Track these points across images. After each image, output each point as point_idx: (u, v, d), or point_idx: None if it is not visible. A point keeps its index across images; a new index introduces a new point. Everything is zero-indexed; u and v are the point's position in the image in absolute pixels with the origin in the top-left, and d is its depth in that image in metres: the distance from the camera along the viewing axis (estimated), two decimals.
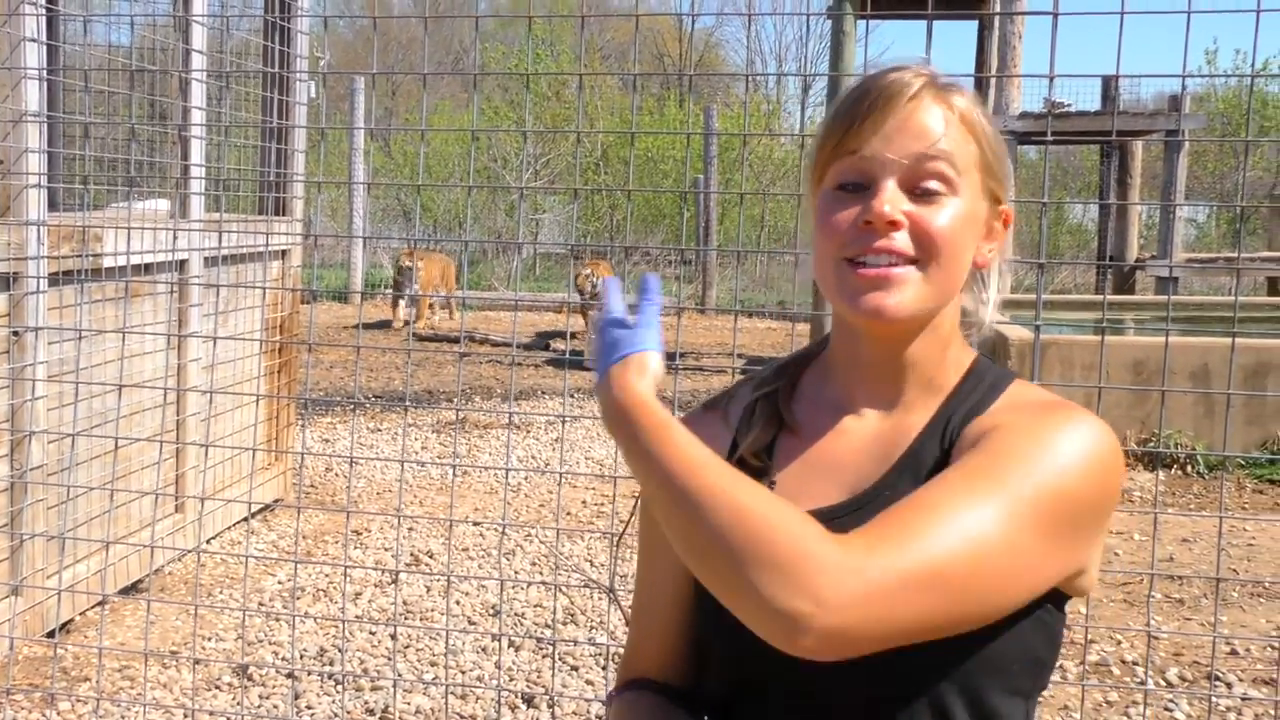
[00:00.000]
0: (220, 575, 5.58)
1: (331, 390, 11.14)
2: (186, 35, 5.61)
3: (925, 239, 1.32)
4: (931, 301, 1.35)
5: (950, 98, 1.36)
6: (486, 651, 4.74)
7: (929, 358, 1.40)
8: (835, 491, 1.38)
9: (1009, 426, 1.28)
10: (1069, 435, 1.25)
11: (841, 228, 1.34)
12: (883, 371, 1.41)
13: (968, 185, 1.35)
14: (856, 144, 1.34)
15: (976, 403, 1.37)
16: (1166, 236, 13.97)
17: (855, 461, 1.40)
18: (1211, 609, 5.23)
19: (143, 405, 5.33)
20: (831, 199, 1.36)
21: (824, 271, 1.37)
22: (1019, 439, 1.25)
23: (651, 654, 1.54)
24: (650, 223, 26.35)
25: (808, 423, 1.46)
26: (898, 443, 1.39)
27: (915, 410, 1.40)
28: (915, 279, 1.32)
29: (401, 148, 25.49)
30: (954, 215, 1.33)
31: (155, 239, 5.23)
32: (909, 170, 1.33)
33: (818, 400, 1.47)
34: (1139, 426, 7.44)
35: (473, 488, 7.41)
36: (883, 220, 1.31)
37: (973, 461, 1.24)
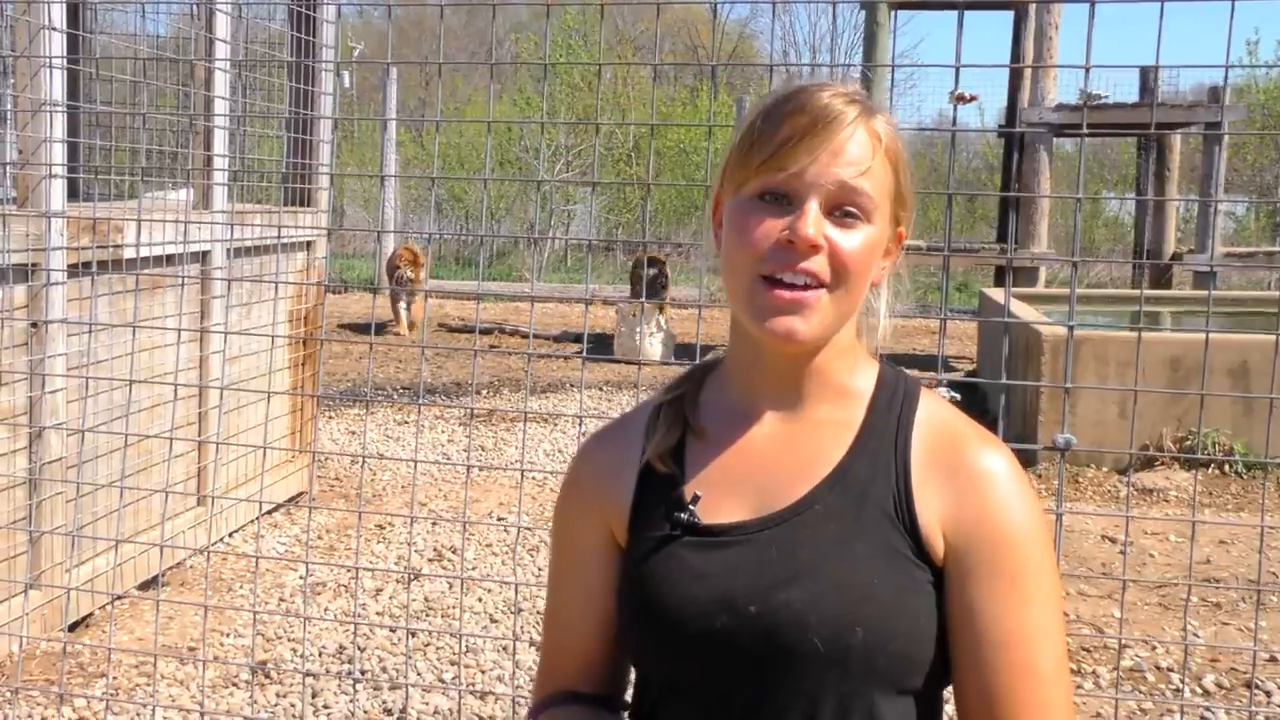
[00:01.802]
0: (241, 570, 5.53)
1: (359, 381, 11.11)
2: (210, 24, 5.55)
3: (839, 264, 1.38)
4: (837, 323, 1.42)
5: (876, 125, 1.41)
6: (507, 650, 4.67)
7: (829, 366, 1.46)
8: (755, 502, 1.43)
9: (1014, 545, 1.39)
10: (1031, 506, 1.41)
11: (763, 242, 1.38)
12: (784, 380, 1.47)
13: (880, 213, 1.41)
14: (789, 163, 1.37)
15: (901, 428, 1.44)
16: (1205, 230, 13.76)
17: (773, 473, 1.44)
18: (1249, 613, 5.11)
19: (164, 398, 5.29)
20: (750, 207, 1.40)
21: (737, 282, 1.41)
22: (1036, 555, 1.39)
23: (571, 666, 1.58)
24: (682, 214, 26.26)
25: (713, 430, 1.50)
26: (817, 455, 1.44)
27: (824, 417, 1.46)
28: (825, 303, 1.38)
29: (434, 138, 25.43)
30: (865, 242, 1.39)
31: (178, 230, 5.18)
32: (834, 194, 1.38)
33: (720, 407, 1.51)
34: (1175, 424, 7.29)
35: (498, 481, 7.34)
36: (806, 243, 1.36)
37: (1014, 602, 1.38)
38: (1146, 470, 7.19)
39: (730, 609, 1.37)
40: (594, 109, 26.94)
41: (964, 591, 1.38)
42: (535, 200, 23.87)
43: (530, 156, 24.39)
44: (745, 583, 1.38)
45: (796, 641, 1.34)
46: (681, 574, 1.42)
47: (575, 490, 1.58)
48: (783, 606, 1.36)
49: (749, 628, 1.36)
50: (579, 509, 1.56)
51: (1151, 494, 6.84)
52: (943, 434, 1.44)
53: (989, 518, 1.38)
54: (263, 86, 6.80)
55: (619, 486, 1.52)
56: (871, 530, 1.39)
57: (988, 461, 1.41)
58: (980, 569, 1.37)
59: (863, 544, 1.38)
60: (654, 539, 1.46)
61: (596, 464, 1.57)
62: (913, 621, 1.37)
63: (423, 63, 6.67)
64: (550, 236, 22.42)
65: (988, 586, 1.37)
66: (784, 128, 1.38)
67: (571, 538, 1.57)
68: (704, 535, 1.43)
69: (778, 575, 1.38)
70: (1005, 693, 1.36)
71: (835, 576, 1.36)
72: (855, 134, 1.38)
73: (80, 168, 5.80)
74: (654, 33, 42.92)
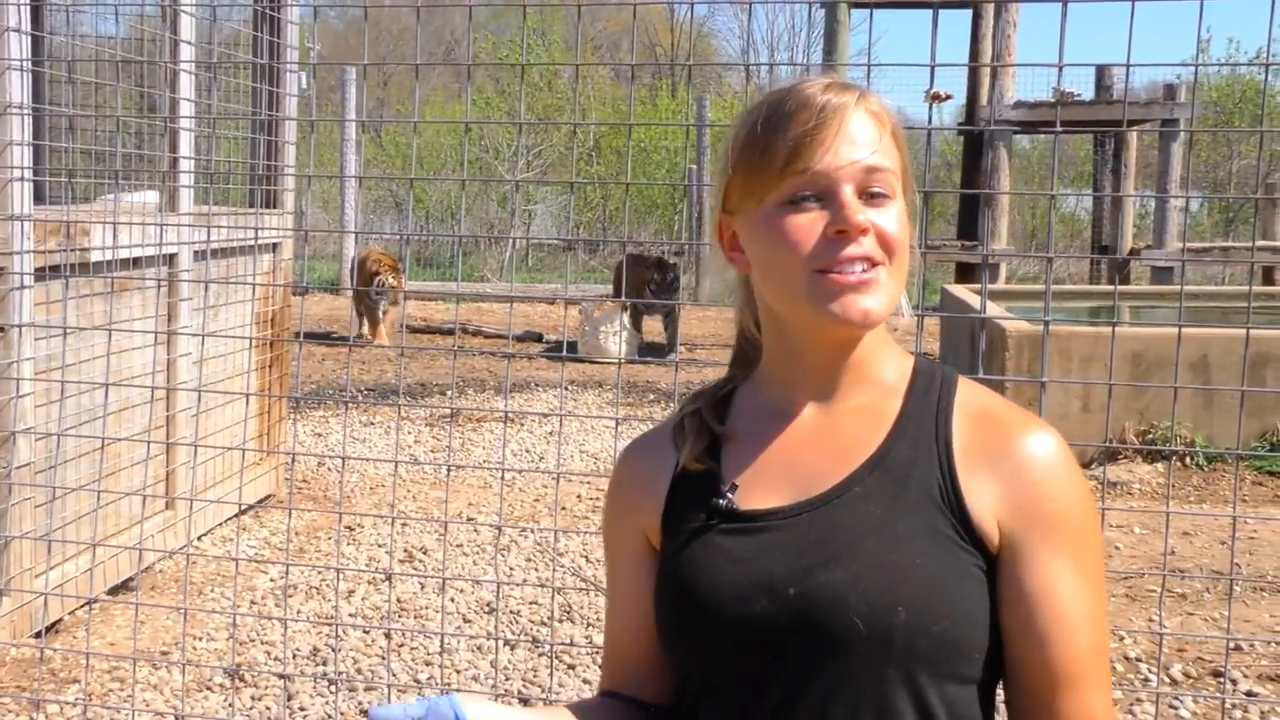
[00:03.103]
0: (212, 573, 5.51)
1: (323, 383, 11.07)
2: (175, 25, 5.52)
3: (885, 241, 1.39)
4: (897, 299, 1.43)
5: (874, 106, 1.44)
6: (482, 650, 4.68)
7: (866, 358, 1.47)
8: (793, 490, 1.44)
9: (1071, 525, 1.40)
10: (1083, 485, 1.43)
11: (808, 241, 1.38)
12: (823, 374, 1.48)
13: (900, 185, 1.43)
14: (806, 163, 1.38)
15: (941, 413, 1.45)
16: (1163, 226, 13.92)
17: (809, 459, 1.45)
18: (1214, 604, 5.19)
19: (132, 401, 5.26)
20: (783, 213, 1.40)
21: (789, 285, 1.41)
22: (1091, 534, 1.42)
23: (619, 671, 1.59)
24: (642, 213, 26.28)
25: (748, 429, 1.51)
26: (855, 440, 1.45)
27: (861, 405, 1.47)
28: (884, 280, 1.39)
29: (393, 139, 25.38)
30: (899, 216, 1.41)
31: (144, 233, 5.15)
32: (860, 178, 1.39)
33: (755, 409, 1.53)
34: (1138, 418, 7.38)
35: (466, 482, 7.34)
36: (857, 228, 1.37)
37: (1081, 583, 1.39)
38: (1110, 463, 7.28)
39: (770, 592, 1.37)
40: (553, 108, 26.96)
41: (1029, 575, 1.38)
42: (509, 199, 23.81)
43: (490, 156, 24.35)
44: (784, 565, 1.38)
45: (837, 622, 1.34)
46: (719, 559, 1.42)
47: (613, 496, 1.61)
48: (822, 587, 1.35)
49: (789, 610, 1.36)
50: (617, 515, 1.59)
51: (1115, 487, 6.92)
52: (986, 418, 1.44)
53: (1045, 501, 1.39)
54: (226, 88, 6.76)
55: (653, 491, 1.54)
56: (914, 512, 1.39)
57: (1036, 444, 1.41)
58: (1044, 551, 1.38)
59: (904, 525, 1.38)
60: (689, 530, 1.46)
61: (631, 470, 1.59)
62: (958, 603, 1.36)
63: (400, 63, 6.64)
64: (527, 238, 22.39)
65: (1054, 568, 1.37)
66: (792, 129, 1.39)
67: (613, 543, 1.60)
68: (741, 521, 1.44)
69: (817, 557, 1.38)
70: (1076, 674, 1.37)
71: (875, 556, 1.36)
72: (858, 117, 1.41)
73: (45, 170, 5.75)
74: (613, 32, 42.95)
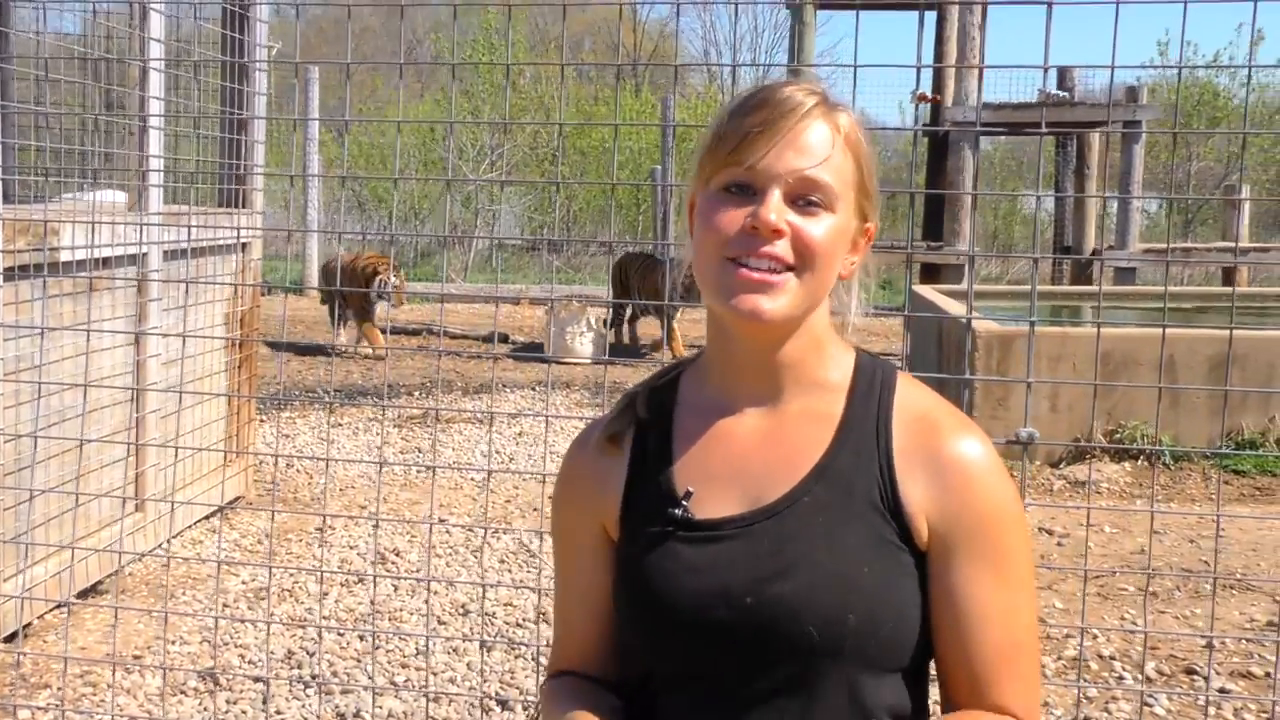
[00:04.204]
0: (183, 576, 5.46)
1: (289, 384, 10.99)
2: (144, 23, 5.47)
3: (803, 248, 1.44)
4: (802, 306, 1.47)
5: (837, 117, 1.48)
6: (458, 652, 4.66)
7: (804, 358, 1.52)
8: (744, 497, 1.50)
9: (993, 529, 1.47)
10: (1008, 490, 1.49)
11: (727, 229, 1.44)
12: (760, 372, 1.52)
13: (844, 203, 1.47)
14: (748, 157, 1.44)
15: (881, 416, 1.50)
16: (1125, 227, 14.04)
17: (758, 466, 1.50)
18: (1185, 602, 5.23)
19: (101, 402, 5.21)
20: (717, 199, 1.46)
21: (705, 268, 1.48)
22: (1013, 537, 1.48)
23: (575, 653, 1.64)
24: (607, 213, 26.25)
25: (695, 424, 1.56)
26: (801, 448, 1.50)
27: (804, 410, 1.52)
28: (791, 285, 1.44)
29: (356, 139, 25.25)
30: (829, 229, 1.45)
31: (114, 233, 5.10)
32: (794, 184, 1.44)
33: (700, 402, 1.57)
34: (1106, 418, 7.44)
35: (437, 484, 7.31)
36: (768, 228, 1.42)
37: (996, 584, 1.46)
38: (1078, 463, 7.33)
39: (726, 602, 1.44)
40: (518, 108, 26.91)
41: (948, 574, 1.46)
42: (473, 199, 23.72)
43: (455, 156, 24.28)
44: (740, 576, 1.45)
45: (793, 631, 1.41)
46: (677, 568, 1.48)
47: (567, 488, 1.64)
48: (778, 598, 1.42)
49: (746, 619, 1.43)
50: (572, 506, 1.62)
51: (1083, 486, 6.97)
52: (922, 421, 1.50)
53: (970, 504, 1.46)
54: (194, 86, 6.70)
55: (609, 486, 1.58)
56: (859, 520, 1.46)
57: (965, 449, 1.48)
58: (962, 553, 1.46)
59: (851, 534, 1.45)
60: (648, 534, 1.51)
61: (584, 464, 1.63)
62: (901, 606, 1.45)
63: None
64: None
65: (971, 569, 1.45)
66: (746, 121, 1.45)
67: (567, 535, 1.63)
68: (697, 530, 1.49)
69: (771, 568, 1.44)
70: (989, 667, 1.46)
71: (827, 567, 1.43)
72: (813, 125, 1.45)
73: (13, 168, 5.68)
74: (575, 33, 42.80)
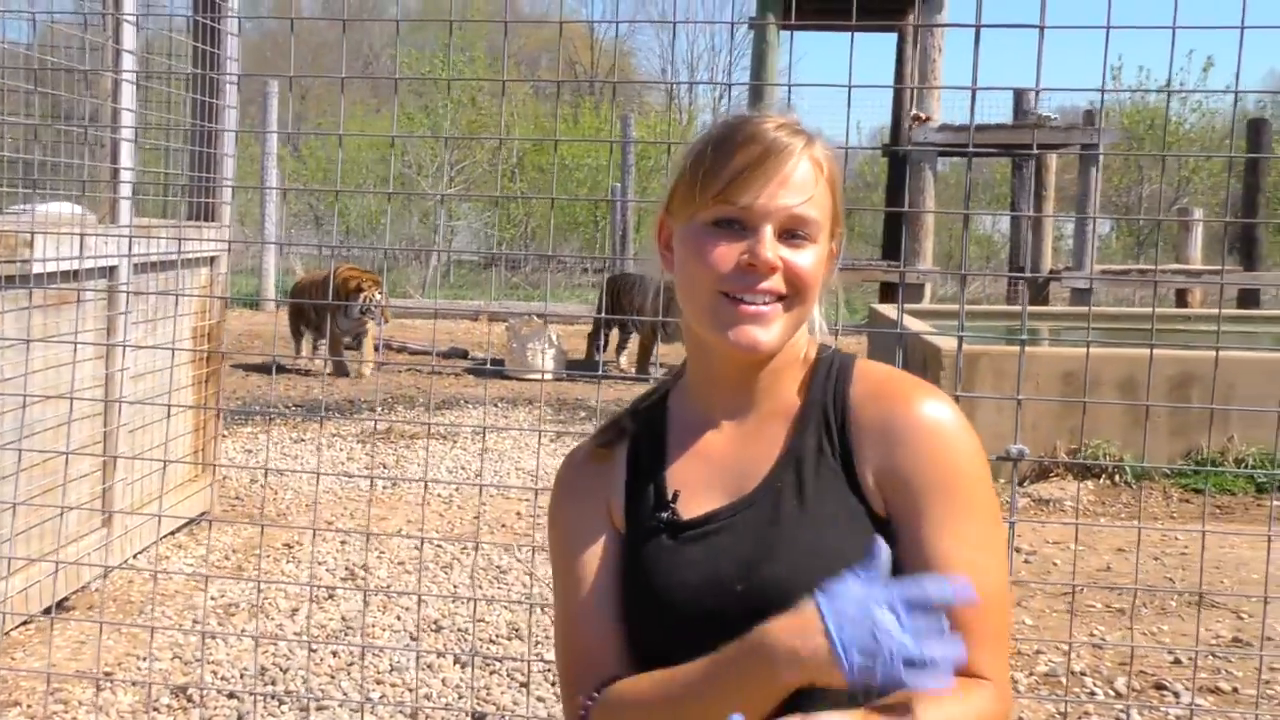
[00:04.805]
0: (150, 592, 5.40)
1: (249, 399, 10.92)
2: (117, 35, 5.44)
3: (795, 279, 1.52)
4: (792, 333, 1.56)
5: (817, 154, 1.55)
6: (432, 668, 4.64)
7: (778, 378, 1.61)
8: (724, 493, 1.58)
9: (949, 485, 1.50)
10: (965, 445, 1.51)
11: (722, 265, 1.51)
12: (738, 389, 1.61)
13: (823, 232, 1.55)
14: (740, 196, 1.50)
15: (837, 396, 1.57)
16: (1081, 248, 14.20)
17: (734, 463, 1.59)
18: (1151, 618, 5.29)
19: (69, 417, 5.15)
20: (707, 233, 1.52)
21: (697, 301, 1.55)
22: (972, 491, 1.50)
23: (610, 654, 1.61)
24: (566, 230, 26.28)
25: (682, 438, 1.64)
26: (771, 440, 1.58)
27: (771, 409, 1.60)
28: (783, 316, 1.53)
29: (313, 152, 25.15)
30: (815, 259, 1.54)
31: (74, 245, 5.05)
32: (784, 221, 1.51)
33: (685, 418, 1.65)
34: (1068, 436, 7.51)
35: (404, 499, 7.28)
36: (766, 265, 1.50)
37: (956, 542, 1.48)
38: (1042, 481, 7.40)
39: (718, 590, 1.51)
40: (478, 124, 26.90)
41: (912, 536, 1.49)
42: (433, 214, 23.64)
43: (414, 172, 24.23)
44: (729, 565, 1.52)
45: (783, 609, 1.41)
46: (671, 565, 1.55)
47: (573, 490, 1.70)
48: (766, 580, 1.49)
49: (738, 605, 1.47)
50: (578, 504, 1.68)
51: (1048, 504, 7.03)
52: (879, 392, 1.57)
53: (923, 464, 1.50)
54: (162, 99, 6.66)
55: (611, 487, 1.66)
56: (829, 496, 1.53)
57: (918, 410, 1.53)
58: (924, 513, 1.49)
59: (824, 509, 1.52)
60: (643, 534, 1.60)
61: (591, 470, 1.69)
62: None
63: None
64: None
65: (931, 528, 1.49)
66: (735, 159, 1.51)
67: (576, 534, 1.66)
68: (686, 528, 1.57)
69: (756, 553, 1.51)
70: (959, 627, 1.43)
71: (807, 545, 1.50)
72: (800, 164, 1.52)
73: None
74: (531, 50, 42.89)
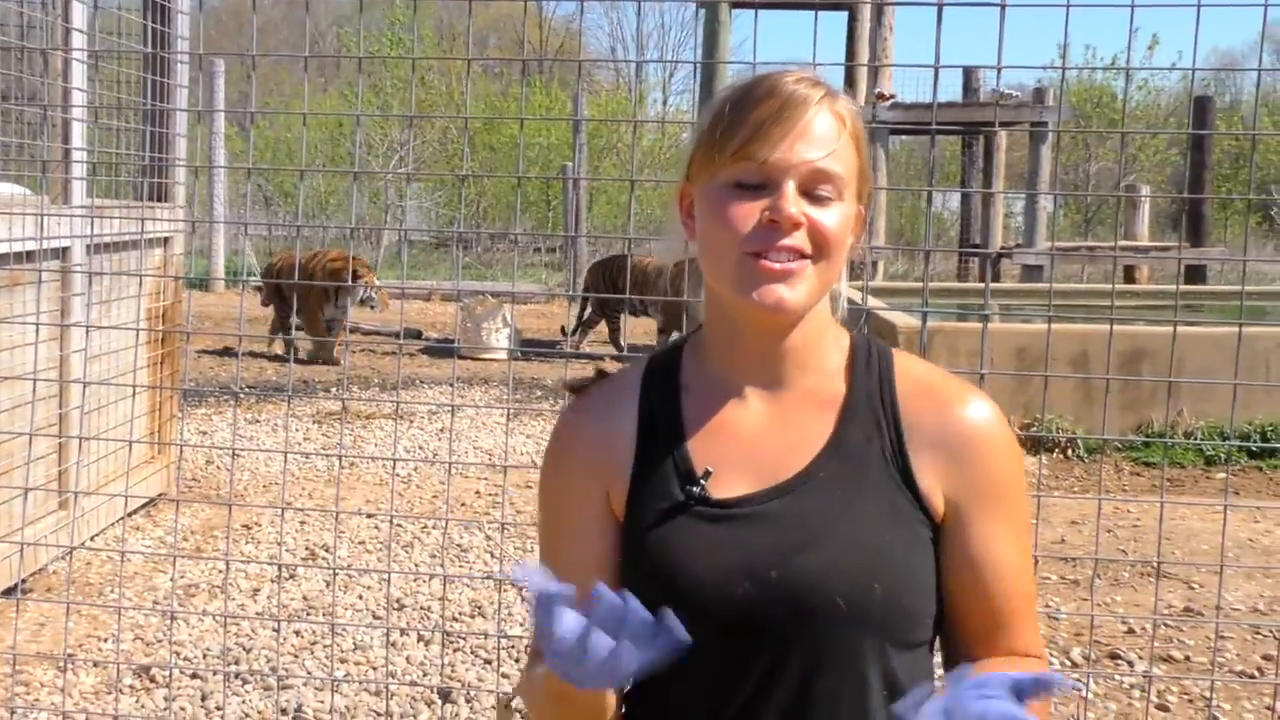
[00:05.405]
0: (109, 574, 5.37)
1: (203, 380, 10.84)
2: (66, 13, 5.37)
3: (819, 238, 1.44)
4: (819, 294, 1.48)
5: (839, 107, 1.48)
6: (396, 646, 4.65)
7: (808, 343, 1.52)
8: (757, 478, 1.49)
9: (1005, 490, 1.51)
10: (1014, 449, 1.53)
11: (745, 224, 1.44)
12: (765, 358, 1.52)
13: (850, 190, 1.48)
14: (759, 151, 1.43)
15: (885, 391, 1.52)
16: (1032, 226, 14.33)
17: (769, 447, 1.51)
18: (1105, 589, 5.38)
19: (25, 398, 5.10)
20: (727, 193, 1.45)
21: (721, 262, 1.47)
22: (1020, 494, 1.53)
23: None
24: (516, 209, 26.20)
25: (703, 405, 1.55)
26: (810, 428, 1.51)
27: (809, 391, 1.53)
28: (810, 274, 1.44)
29: (262, 132, 24.93)
30: (840, 217, 1.46)
31: (38, 225, 5.00)
32: (807, 176, 1.44)
33: (704, 382, 1.56)
34: (1022, 411, 7.60)
35: (362, 479, 7.27)
36: (789, 221, 1.42)
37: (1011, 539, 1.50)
38: None
39: (751, 576, 1.43)
40: (427, 104, 26.73)
41: (968, 537, 1.48)
42: (369, 196, 23.50)
43: (364, 152, 24.07)
44: (763, 551, 1.44)
45: (820, 603, 1.41)
46: (698, 545, 1.46)
47: (567, 460, 1.59)
48: (803, 570, 1.42)
49: (771, 593, 1.42)
50: (573, 471, 1.58)
51: None
52: (926, 391, 1.53)
53: (986, 469, 1.49)
54: (112, 78, 6.59)
55: (615, 456, 1.55)
56: (875, 491, 1.47)
57: (975, 414, 1.51)
58: (982, 516, 1.49)
59: (869, 505, 1.46)
60: (662, 510, 1.50)
61: (587, 433, 1.58)
62: (920, 576, 1.47)
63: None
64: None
65: (990, 529, 1.49)
66: (753, 114, 1.44)
67: (563, 501, 1.58)
68: (715, 508, 1.48)
69: (794, 541, 1.44)
70: (1011, 618, 1.51)
71: (849, 537, 1.44)
72: (820, 116, 1.45)
73: None
74: (480, 29, 42.69)
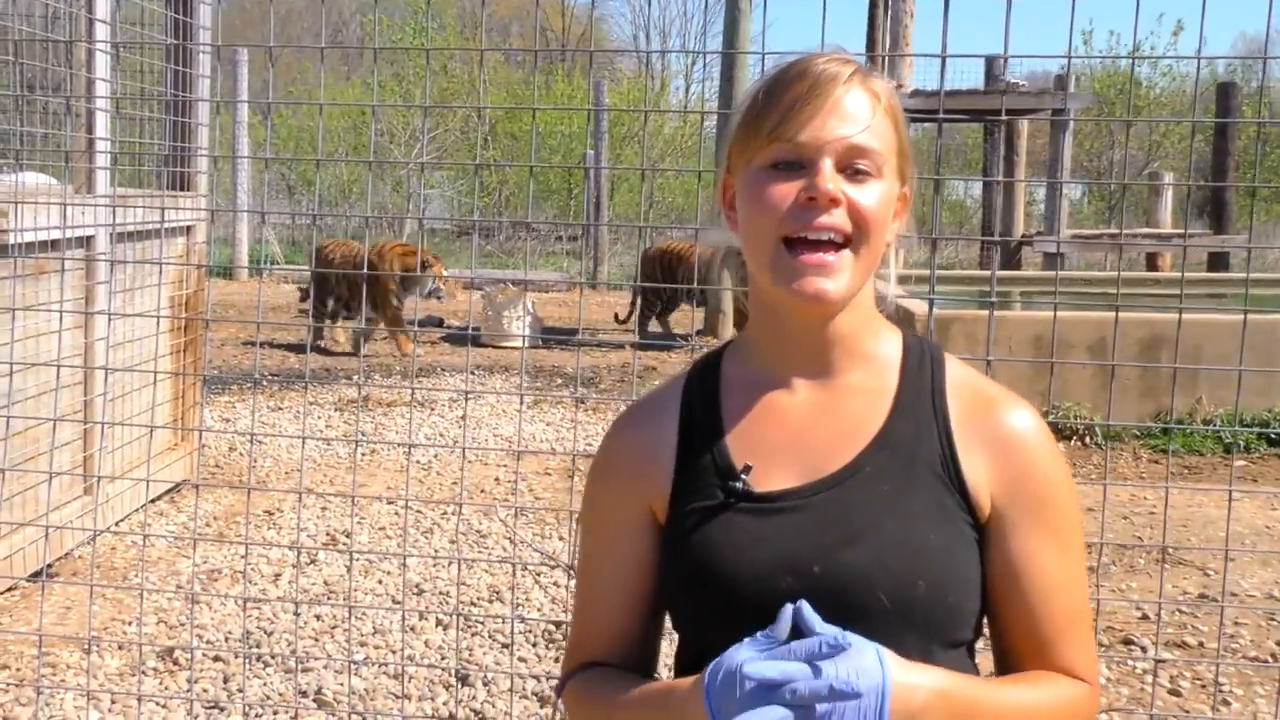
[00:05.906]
0: (133, 558, 5.45)
1: (225, 369, 10.93)
2: (90, 5, 5.44)
3: (858, 217, 1.41)
4: (861, 281, 1.45)
5: (873, 84, 1.45)
6: (415, 630, 4.71)
7: (854, 331, 1.49)
8: (803, 470, 1.47)
9: (1053, 499, 1.49)
10: (1061, 460, 1.51)
11: (781, 205, 1.40)
12: (811, 347, 1.49)
13: (889, 168, 1.45)
14: (793, 131, 1.41)
15: (936, 389, 1.50)
16: (1053, 213, 14.30)
17: (815, 439, 1.48)
18: (1120, 576, 5.41)
19: (50, 385, 5.18)
20: (765, 177, 1.43)
21: (760, 250, 1.44)
22: (1070, 507, 1.50)
23: (603, 642, 1.58)
24: (539, 199, 26.23)
25: (745, 405, 1.52)
26: (858, 420, 1.48)
27: (857, 384, 1.51)
28: (849, 262, 1.41)
29: (285, 122, 25.03)
30: (880, 196, 1.43)
31: (50, 215, 5.07)
32: (842, 152, 1.41)
33: (746, 379, 1.54)
34: (1039, 399, 7.60)
35: (382, 465, 7.33)
36: (826, 196, 1.39)
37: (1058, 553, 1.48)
38: None
39: (794, 571, 1.41)
40: (450, 93, 26.79)
41: (1011, 546, 1.46)
42: (392, 184, 23.55)
43: (386, 140, 24.14)
44: (807, 545, 1.42)
45: (864, 598, 1.39)
46: (742, 539, 1.44)
47: (610, 470, 1.59)
48: (848, 565, 1.40)
49: (815, 588, 1.39)
50: (615, 489, 1.57)
51: None
52: (975, 396, 1.50)
53: (1032, 477, 1.47)
54: (135, 68, 6.65)
55: (657, 466, 1.54)
56: (922, 488, 1.45)
57: (1021, 422, 1.48)
58: (1026, 525, 1.46)
59: (916, 501, 1.44)
60: (703, 509, 1.48)
61: (632, 443, 1.58)
62: (964, 574, 1.45)
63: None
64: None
65: (1035, 540, 1.46)
66: (786, 96, 1.42)
67: (607, 517, 1.58)
68: (758, 502, 1.46)
69: (839, 535, 1.42)
70: (1056, 634, 1.47)
71: (894, 534, 1.42)
72: (852, 92, 1.42)
73: None
74: (503, 16, 42.67)
